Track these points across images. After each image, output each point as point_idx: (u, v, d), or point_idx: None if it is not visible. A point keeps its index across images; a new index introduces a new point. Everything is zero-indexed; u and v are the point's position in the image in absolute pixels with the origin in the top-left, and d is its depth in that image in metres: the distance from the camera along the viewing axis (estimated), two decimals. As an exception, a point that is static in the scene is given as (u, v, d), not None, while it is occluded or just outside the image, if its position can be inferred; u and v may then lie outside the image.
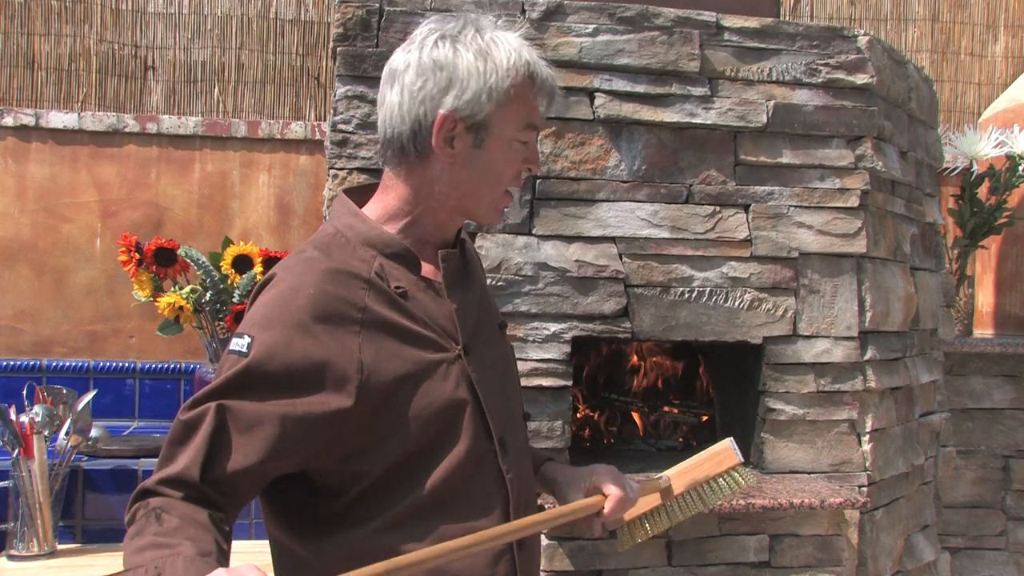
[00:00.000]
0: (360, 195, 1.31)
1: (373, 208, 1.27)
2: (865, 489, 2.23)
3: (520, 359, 1.98)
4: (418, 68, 1.19)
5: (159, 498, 1.13)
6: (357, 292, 1.17)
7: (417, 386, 1.18)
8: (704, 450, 1.42)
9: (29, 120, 2.96)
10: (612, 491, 1.31)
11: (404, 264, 1.23)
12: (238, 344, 1.13)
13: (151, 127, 3.02)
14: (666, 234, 2.17)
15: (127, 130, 3.01)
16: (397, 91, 1.21)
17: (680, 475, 1.42)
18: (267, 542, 1.31)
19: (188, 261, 2.63)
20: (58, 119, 2.98)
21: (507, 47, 1.21)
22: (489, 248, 2.07)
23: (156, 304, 2.60)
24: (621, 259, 2.15)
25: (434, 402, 1.19)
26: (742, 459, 1.40)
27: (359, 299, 1.17)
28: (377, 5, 2.06)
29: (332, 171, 2.04)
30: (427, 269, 1.25)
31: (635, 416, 2.56)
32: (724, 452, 1.41)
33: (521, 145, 1.25)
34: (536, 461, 1.43)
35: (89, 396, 2.28)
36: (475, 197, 1.25)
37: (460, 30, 1.21)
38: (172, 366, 2.95)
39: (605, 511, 1.31)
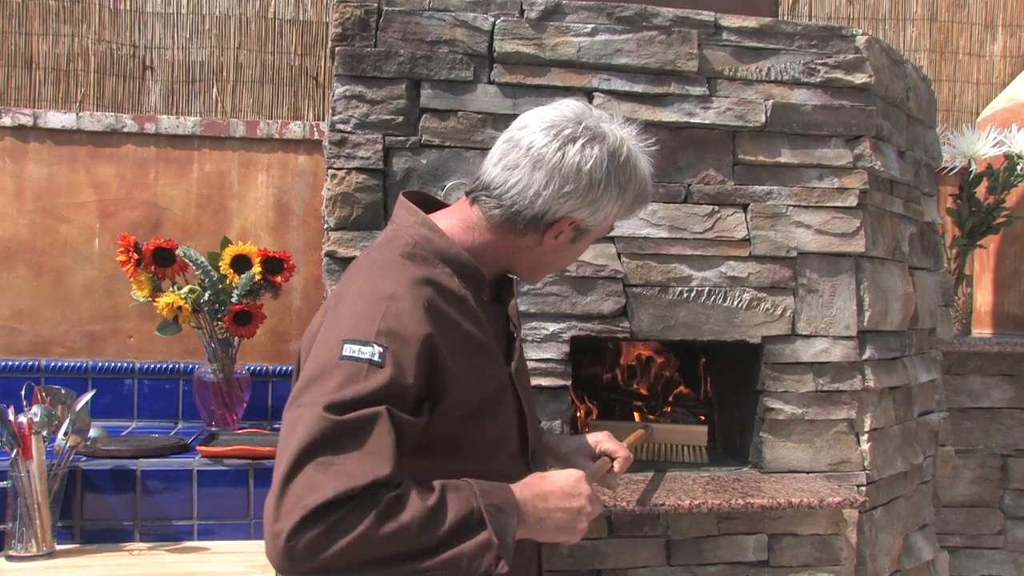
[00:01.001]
0: (420, 202, 1.39)
1: (445, 225, 1.35)
2: (864, 488, 2.23)
3: (519, 359, 1.98)
4: (568, 173, 1.29)
5: (387, 493, 1.09)
6: (453, 307, 1.25)
7: (495, 408, 1.31)
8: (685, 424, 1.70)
9: (27, 120, 2.96)
10: (620, 453, 1.54)
11: (472, 285, 1.32)
12: (367, 352, 1.13)
13: (149, 127, 3.02)
14: (665, 234, 2.17)
15: (125, 130, 3.01)
16: (541, 178, 1.29)
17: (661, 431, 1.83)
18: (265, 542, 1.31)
19: (187, 261, 2.62)
20: (56, 119, 2.97)
21: (641, 178, 1.36)
22: (488, 248, 2.07)
23: (154, 304, 2.60)
24: (620, 259, 2.15)
25: (501, 424, 1.33)
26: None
27: (455, 314, 1.25)
28: (376, 5, 2.06)
29: (331, 171, 2.04)
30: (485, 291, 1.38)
31: (635, 416, 2.56)
32: (699, 433, 1.83)
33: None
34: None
35: (87, 396, 2.27)
36: (541, 270, 1.42)
37: (616, 147, 1.32)
38: (171, 366, 2.94)
39: (616, 470, 1.53)
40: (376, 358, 1.13)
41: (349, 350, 1.13)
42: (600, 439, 1.58)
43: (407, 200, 1.38)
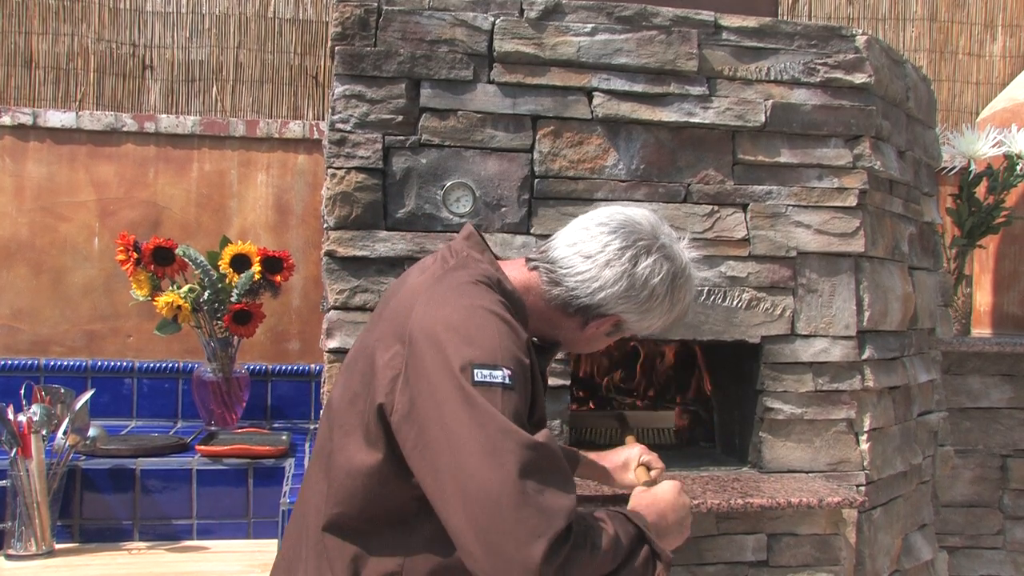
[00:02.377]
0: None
1: (508, 276, 1.41)
2: (863, 488, 2.23)
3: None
4: (635, 281, 1.40)
5: (581, 519, 1.18)
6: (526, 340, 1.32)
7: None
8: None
9: (27, 119, 2.96)
10: (657, 464, 1.69)
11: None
12: (498, 375, 1.18)
13: (149, 126, 3.02)
14: (664, 233, 2.16)
15: (125, 129, 3.01)
16: (609, 276, 1.39)
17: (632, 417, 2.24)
18: (265, 541, 1.32)
19: (186, 260, 2.62)
20: (56, 118, 2.97)
21: (687, 301, 1.48)
22: (487, 247, 2.07)
23: (154, 303, 2.60)
24: (619, 258, 2.14)
25: None
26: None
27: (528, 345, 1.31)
28: (375, 4, 2.06)
29: (330, 170, 2.04)
30: None
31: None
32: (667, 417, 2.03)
33: None
34: (566, 453, 1.70)
35: (87, 395, 2.27)
36: (569, 347, 1.53)
37: (680, 269, 1.44)
38: (170, 365, 2.95)
39: (654, 476, 1.67)
40: (508, 381, 1.18)
41: (488, 374, 1.17)
42: (633, 453, 1.73)
43: (479, 237, 1.45)
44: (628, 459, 1.73)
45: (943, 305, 2.91)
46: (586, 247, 1.40)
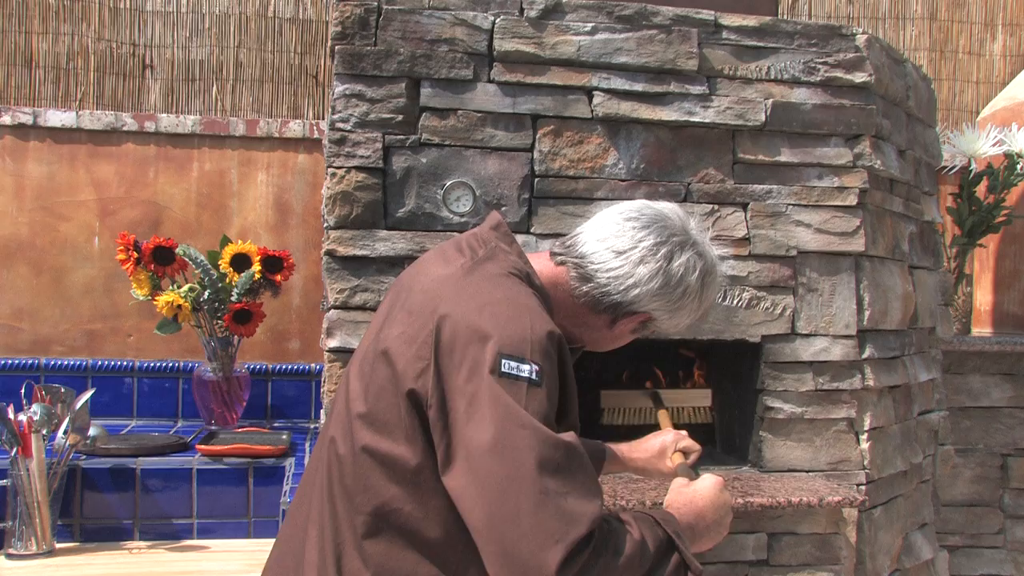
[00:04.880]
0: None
1: (536, 269, 1.37)
2: (863, 487, 2.23)
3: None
4: (669, 278, 1.36)
5: (606, 525, 1.15)
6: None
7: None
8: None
9: (27, 119, 2.96)
10: (695, 447, 1.66)
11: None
12: (524, 369, 1.14)
13: (149, 126, 3.02)
14: (664, 233, 2.16)
15: (125, 129, 3.01)
16: (644, 273, 1.34)
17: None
18: (265, 541, 1.31)
19: (186, 260, 2.62)
20: (56, 118, 2.97)
21: (712, 299, 1.45)
22: (487, 247, 2.07)
23: (154, 303, 2.60)
24: (619, 258, 2.14)
25: None
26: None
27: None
28: (375, 4, 2.06)
29: (330, 170, 2.04)
30: None
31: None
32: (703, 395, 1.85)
33: None
34: (592, 450, 1.66)
35: (87, 395, 2.27)
36: (595, 345, 1.47)
37: (711, 267, 1.41)
38: (170, 365, 2.95)
39: (691, 461, 1.65)
40: (535, 377, 1.14)
41: (515, 367, 1.13)
42: (668, 439, 1.68)
43: (507, 227, 1.39)
44: (664, 446, 1.67)
45: (943, 304, 2.91)
46: (618, 243, 1.36)
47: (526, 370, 1.13)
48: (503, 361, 1.12)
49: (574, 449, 1.11)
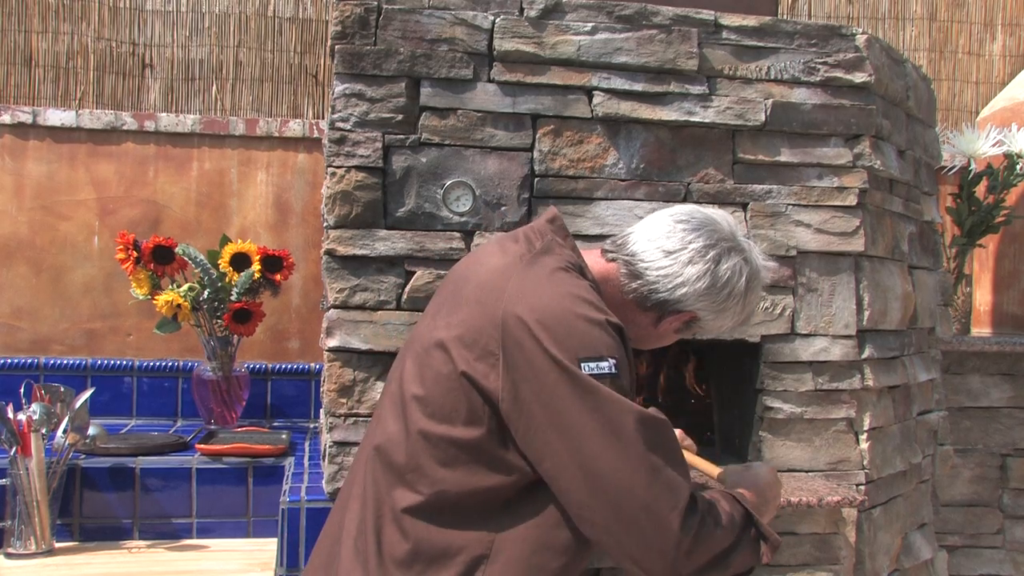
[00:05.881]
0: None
1: (588, 264, 1.44)
2: (863, 487, 2.24)
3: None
4: (716, 280, 1.42)
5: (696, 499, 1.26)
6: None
7: None
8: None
9: (26, 118, 2.96)
10: (692, 447, 1.74)
11: None
12: (604, 366, 1.22)
13: (149, 125, 3.02)
14: (664, 232, 2.16)
15: (125, 128, 3.01)
16: (692, 273, 1.40)
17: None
18: (265, 540, 1.33)
19: (186, 259, 2.62)
20: (55, 117, 2.97)
21: (753, 306, 1.53)
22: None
23: (154, 302, 2.60)
24: (619, 257, 2.14)
25: None
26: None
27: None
28: (375, 3, 2.06)
29: (330, 169, 2.04)
30: None
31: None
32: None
33: None
34: None
35: (87, 394, 2.27)
36: (643, 343, 1.53)
37: (755, 273, 1.49)
38: (170, 364, 2.95)
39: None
40: (614, 370, 1.22)
41: (600, 366, 1.21)
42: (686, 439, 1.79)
43: (562, 221, 1.46)
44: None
45: (943, 304, 2.91)
46: (667, 243, 1.42)
47: (606, 366, 1.22)
48: (582, 364, 1.21)
49: (664, 422, 1.22)
